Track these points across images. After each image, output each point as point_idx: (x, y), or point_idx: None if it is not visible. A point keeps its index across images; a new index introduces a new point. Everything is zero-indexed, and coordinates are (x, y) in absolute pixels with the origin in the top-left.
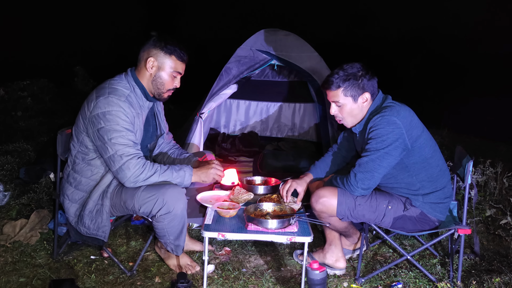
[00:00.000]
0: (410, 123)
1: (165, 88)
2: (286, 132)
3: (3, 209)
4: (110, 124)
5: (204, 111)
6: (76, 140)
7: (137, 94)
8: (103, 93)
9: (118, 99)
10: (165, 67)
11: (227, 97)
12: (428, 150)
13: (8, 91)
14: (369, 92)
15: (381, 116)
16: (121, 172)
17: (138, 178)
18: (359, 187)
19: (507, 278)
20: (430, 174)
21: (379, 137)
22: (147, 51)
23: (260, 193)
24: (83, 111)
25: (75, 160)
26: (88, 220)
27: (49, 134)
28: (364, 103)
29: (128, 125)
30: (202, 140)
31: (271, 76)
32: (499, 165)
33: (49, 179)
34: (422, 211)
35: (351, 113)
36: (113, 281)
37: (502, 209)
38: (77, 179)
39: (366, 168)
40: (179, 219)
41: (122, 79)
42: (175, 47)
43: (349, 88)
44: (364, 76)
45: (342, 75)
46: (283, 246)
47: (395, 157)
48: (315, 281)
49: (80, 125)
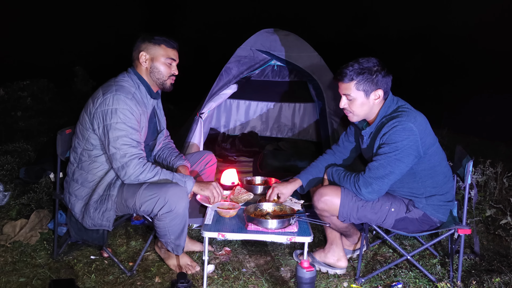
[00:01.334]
0: (424, 131)
1: (164, 76)
2: (286, 132)
3: (3, 209)
4: (116, 122)
5: (204, 111)
6: (81, 138)
7: (142, 91)
8: (110, 90)
9: (125, 97)
10: (158, 56)
11: (227, 97)
12: (437, 158)
13: (8, 91)
14: (382, 89)
15: (398, 121)
16: (122, 171)
17: (138, 178)
18: (367, 192)
19: (507, 278)
20: (436, 181)
21: (394, 142)
22: (137, 49)
23: (260, 193)
24: (88, 108)
25: (81, 158)
26: (92, 210)
27: (49, 134)
28: (376, 100)
29: (134, 124)
30: (202, 140)
31: (271, 76)
32: (499, 165)
33: (49, 179)
34: (424, 213)
35: (361, 108)
36: (113, 281)
37: (502, 209)
38: (83, 176)
39: (376, 173)
40: (181, 218)
41: (127, 77)
42: (163, 37)
43: (362, 82)
44: (380, 72)
45: (357, 68)
46: (283, 246)
47: (407, 164)
48: (303, 279)
49: (85, 123)
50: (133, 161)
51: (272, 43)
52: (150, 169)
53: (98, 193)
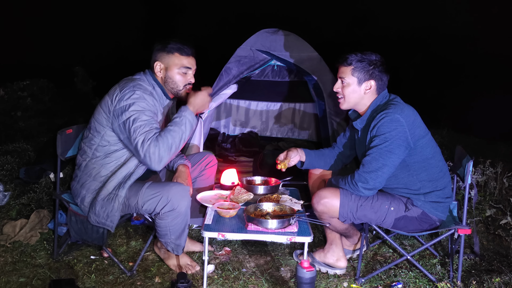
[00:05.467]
0: (413, 122)
1: (179, 86)
2: (286, 132)
3: (3, 209)
4: (134, 113)
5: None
6: (97, 134)
7: (157, 92)
8: (128, 86)
9: (143, 92)
10: (171, 66)
11: (227, 97)
12: (429, 150)
13: (8, 91)
14: (375, 81)
15: (385, 113)
16: (146, 161)
17: (160, 156)
18: (364, 188)
19: (507, 278)
20: (430, 174)
21: (382, 134)
22: (153, 58)
23: (260, 193)
24: (106, 105)
25: (95, 153)
26: (99, 207)
27: (49, 134)
28: (367, 90)
29: (152, 114)
30: (202, 140)
31: (271, 76)
32: (499, 165)
33: (49, 179)
34: (423, 211)
35: (352, 95)
36: (113, 281)
37: (502, 209)
38: (97, 170)
39: (370, 167)
40: (183, 217)
41: (143, 77)
42: (177, 44)
43: (358, 69)
44: (377, 66)
45: (359, 56)
46: (283, 246)
47: (398, 155)
48: (303, 279)
49: (101, 119)
50: (150, 147)
51: (272, 43)
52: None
53: (107, 189)
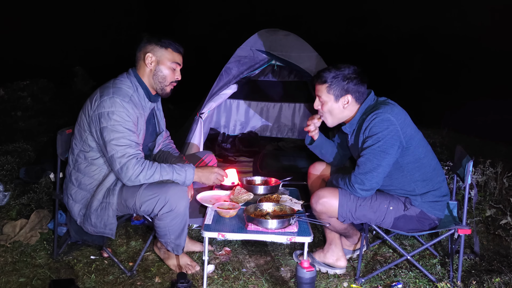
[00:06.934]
0: (404, 121)
1: (167, 81)
2: (286, 132)
3: (3, 209)
4: (113, 125)
5: (204, 111)
6: (79, 139)
7: (140, 94)
8: (108, 92)
9: (122, 100)
10: (164, 60)
11: (227, 97)
12: (421, 150)
13: (8, 91)
14: (351, 95)
15: (376, 114)
16: (122, 173)
17: (138, 177)
18: (361, 189)
19: (507, 278)
20: (423, 173)
21: (375, 134)
22: (143, 50)
23: (260, 193)
24: (86, 109)
25: (77, 159)
26: (94, 218)
27: (49, 134)
28: (345, 105)
29: (131, 126)
30: (202, 140)
31: (271, 76)
32: (499, 165)
33: (49, 179)
34: (421, 210)
35: (331, 112)
36: (113, 281)
37: (502, 209)
38: (79, 178)
39: (365, 168)
40: (181, 217)
41: (126, 79)
42: (170, 41)
43: (333, 86)
44: (352, 80)
45: (333, 72)
46: (283, 246)
47: (392, 155)
48: (303, 279)
49: (83, 124)
50: (132, 161)
51: (272, 43)
52: (149, 167)
53: (98, 199)
